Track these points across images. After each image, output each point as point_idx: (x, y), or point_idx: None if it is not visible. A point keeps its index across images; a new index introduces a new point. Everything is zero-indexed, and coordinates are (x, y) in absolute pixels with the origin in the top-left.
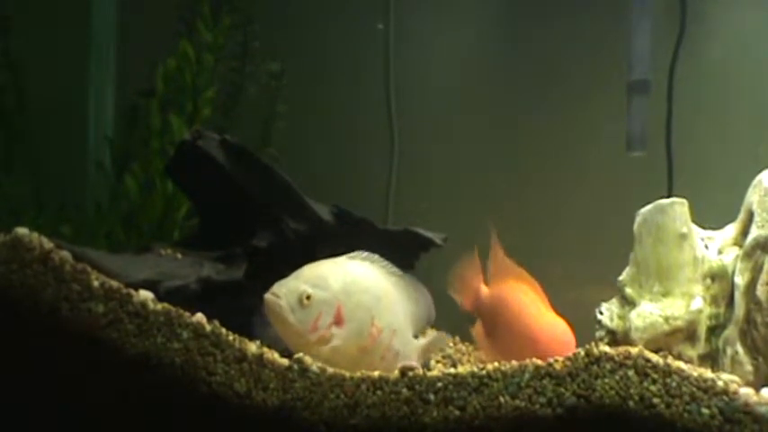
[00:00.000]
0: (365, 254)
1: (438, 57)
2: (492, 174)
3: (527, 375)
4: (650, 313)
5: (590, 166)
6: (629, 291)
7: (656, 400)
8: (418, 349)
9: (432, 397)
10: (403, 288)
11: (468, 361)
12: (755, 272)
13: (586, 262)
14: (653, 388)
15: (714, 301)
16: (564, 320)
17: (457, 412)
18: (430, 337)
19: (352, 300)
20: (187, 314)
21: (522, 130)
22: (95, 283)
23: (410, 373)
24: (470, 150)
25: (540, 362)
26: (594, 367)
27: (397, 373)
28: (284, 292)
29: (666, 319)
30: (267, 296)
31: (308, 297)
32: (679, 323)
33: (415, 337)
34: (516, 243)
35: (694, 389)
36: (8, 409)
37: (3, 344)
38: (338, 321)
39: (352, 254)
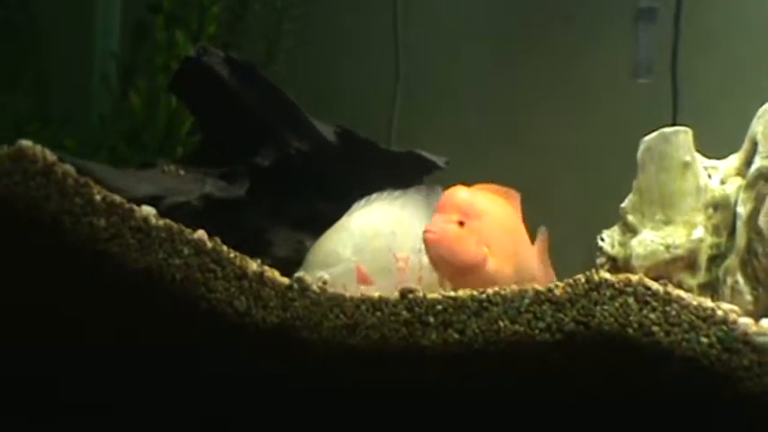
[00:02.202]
0: (362, 201)
1: None
2: (496, 99)
3: (527, 300)
4: (651, 241)
5: (595, 93)
6: (631, 218)
7: (655, 328)
8: None
9: (431, 319)
10: (411, 203)
11: None
12: (758, 202)
13: (590, 189)
14: (652, 316)
15: (716, 230)
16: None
17: (456, 335)
18: None
19: (368, 252)
20: (188, 230)
21: (527, 56)
22: (98, 198)
23: (410, 296)
24: (475, 74)
25: (540, 287)
26: (594, 294)
27: (397, 294)
28: None
29: (667, 248)
30: None
31: (325, 282)
32: (680, 252)
33: None
34: (520, 170)
35: (694, 317)
36: (10, 320)
37: (4, 255)
38: (364, 281)
39: (351, 209)
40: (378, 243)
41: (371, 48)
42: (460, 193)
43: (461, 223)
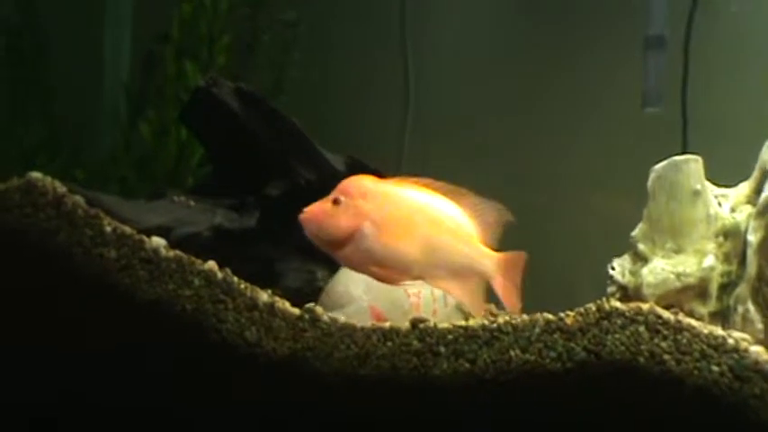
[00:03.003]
0: None
1: (454, 6)
2: (506, 127)
3: (537, 330)
4: (662, 270)
5: (605, 122)
6: (641, 247)
7: (666, 357)
8: None
9: (442, 349)
10: None
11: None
12: None
13: (600, 217)
14: (663, 344)
15: (726, 258)
16: None
17: (467, 365)
18: None
19: (379, 290)
20: (199, 261)
21: (537, 83)
22: (108, 229)
23: (421, 325)
24: (485, 101)
25: (550, 316)
26: (605, 323)
27: (408, 324)
28: None
29: (678, 276)
30: None
31: None
32: (691, 280)
33: None
34: (528, 196)
35: (705, 346)
36: (21, 351)
37: (15, 287)
38: (380, 319)
39: None
40: None
41: (381, 76)
42: (349, 179)
43: (336, 201)
